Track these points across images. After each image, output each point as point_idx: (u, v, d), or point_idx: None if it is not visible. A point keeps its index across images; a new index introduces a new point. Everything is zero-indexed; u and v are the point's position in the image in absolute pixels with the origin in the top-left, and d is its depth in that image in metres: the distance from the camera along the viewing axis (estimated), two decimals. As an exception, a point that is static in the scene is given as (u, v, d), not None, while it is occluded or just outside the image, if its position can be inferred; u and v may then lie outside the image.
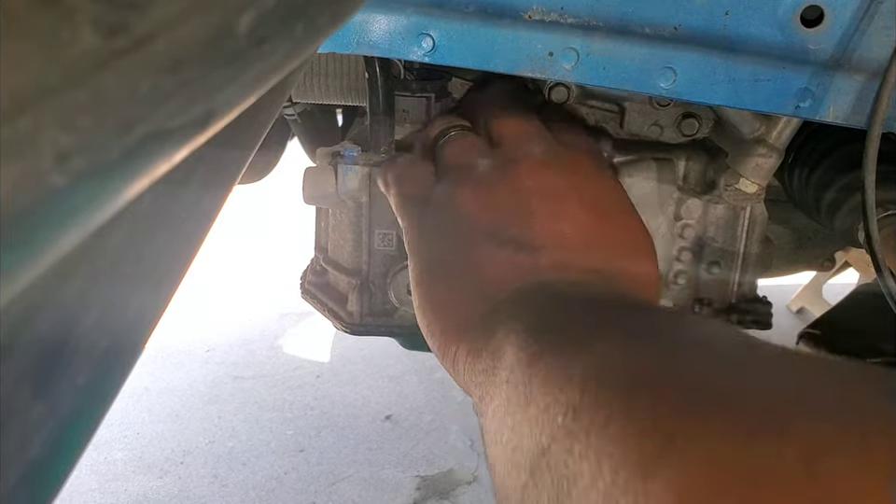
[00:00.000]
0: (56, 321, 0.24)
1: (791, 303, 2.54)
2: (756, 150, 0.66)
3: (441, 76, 0.70)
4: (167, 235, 0.30)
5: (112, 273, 0.26)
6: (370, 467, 1.87)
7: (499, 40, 0.50)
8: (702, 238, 0.80)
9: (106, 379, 0.28)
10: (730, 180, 0.70)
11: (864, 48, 0.50)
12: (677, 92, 0.52)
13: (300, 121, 1.10)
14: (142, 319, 0.30)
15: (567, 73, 0.51)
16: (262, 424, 2.04)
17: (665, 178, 0.75)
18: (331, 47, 0.49)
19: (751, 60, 0.51)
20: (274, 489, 1.79)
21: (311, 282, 0.83)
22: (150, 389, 2.14)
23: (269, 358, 2.40)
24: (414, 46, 0.50)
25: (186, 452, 1.92)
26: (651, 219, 0.77)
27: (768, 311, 0.85)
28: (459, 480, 1.84)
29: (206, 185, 0.33)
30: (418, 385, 2.23)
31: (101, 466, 1.83)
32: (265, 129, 0.39)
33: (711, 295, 0.83)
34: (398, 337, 0.81)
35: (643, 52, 0.51)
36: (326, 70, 0.74)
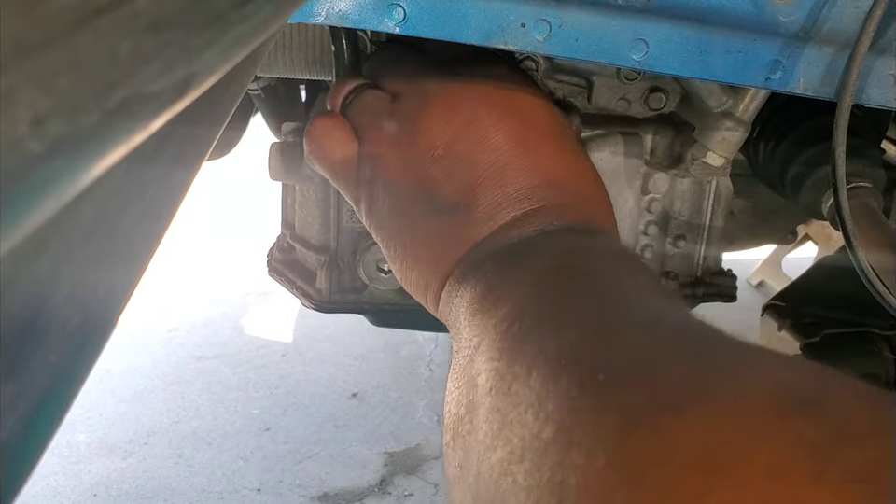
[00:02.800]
0: (27, 298, 0.23)
1: (750, 277, 2.58)
2: (723, 124, 0.66)
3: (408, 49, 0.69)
4: (138, 210, 0.30)
5: (83, 248, 0.26)
6: (336, 444, 1.88)
7: (471, 11, 0.49)
8: (668, 212, 0.80)
9: (79, 357, 0.27)
10: (697, 154, 0.70)
11: (834, 19, 0.50)
12: (649, 64, 0.52)
13: (263, 96, 1.09)
14: (114, 296, 0.29)
15: (540, 44, 0.51)
16: (227, 403, 2.03)
17: (632, 152, 0.76)
18: (300, 17, 0.48)
19: (723, 31, 0.51)
20: (241, 468, 1.78)
21: (278, 259, 0.83)
22: (112, 370, 2.11)
23: (232, 338, 2.38)
24: (385, 16, 0.49)
25: (150, 433, 1.90)
26: (618, 194, 0.77)
27: (733, 284, 0.86)
28: (426, 455, 1.85)
29: (177, 159, 0.32)
30: (384, 362, 2.23)
31: (63, 448, 1.81)
32: (236, 101, 0.38)
33: (677, 268, 0.84)
34: (367, 314, 0.81)
35: (615, 24, 0.50)
36: (291, 43, 0.72)
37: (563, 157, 0.54)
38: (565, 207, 0.50)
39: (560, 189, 0.51)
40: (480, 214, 0.50)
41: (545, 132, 0.54)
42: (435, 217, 0.51)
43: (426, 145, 0.52)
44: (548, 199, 0.50)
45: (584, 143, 0.74)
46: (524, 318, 0.38)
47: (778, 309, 0.92)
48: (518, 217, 0.49)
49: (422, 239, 0.52)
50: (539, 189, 0.50)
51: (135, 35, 0.15)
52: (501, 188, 0.50)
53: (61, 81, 0.14)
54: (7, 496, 0.24)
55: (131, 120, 0.17)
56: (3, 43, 0.13)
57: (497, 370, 0.36)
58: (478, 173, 0.51)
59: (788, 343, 0.88)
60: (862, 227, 0.63)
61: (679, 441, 0.27)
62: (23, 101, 0.14)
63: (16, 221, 0.16)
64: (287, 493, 1.71)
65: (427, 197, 0.51)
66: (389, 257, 0.55)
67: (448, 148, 0.51)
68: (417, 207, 0.52)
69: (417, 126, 0.53)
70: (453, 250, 0.50)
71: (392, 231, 0.54)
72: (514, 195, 0.50)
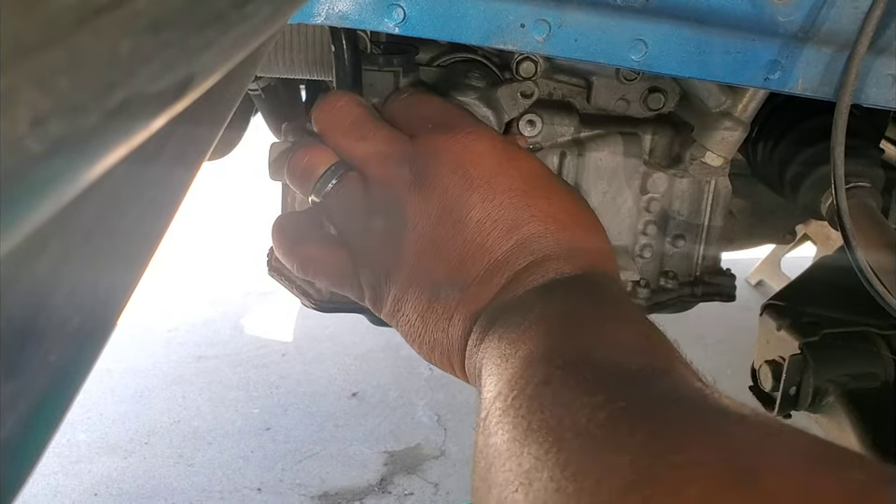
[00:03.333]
0: (27, 298, 0.23)
1: (749, 276, 2.58)
2: (722, 124, 0.66)
3: (408, 49, 0.69)
4: (138, 210, 0.30)
5: (83, 247, 0.26)
6: (337, 444, 1.88)
7: (471, 11, 0.49)
8: (667, 211, 0.80)
9: (79, 357, 0.27)
10: (695, 154, 0.70)
11: (833, 20, 0.50)
12: (648, 65, 0.52)
13: (263, 97, 1.08)
14: (114, 295, 0.29)
15: (539, 45, 0.51)
16: (227, 403, 2.03)
17: (632, 152, 0.76)
18: (300, 17, 0.48)
19: (722, 32, 0.51)
20: (241, 468, 1.78)
21: (278, 259, 0.82)
22: (113, 370, 2.11)
23: (233, 338, 2.38)
24: (385, 17, 0.50)
25: (150, 432, 1.90)
26: (617, 193, 0.77)
27: (732, 283, 0.86)
28: (426, 455, 1.85)
29: (177, 159, 0.33)
30: (384, 362, 2.23)
31: (64, 448, 1.81)
32: (235, 102, 0.38)
33: (676, 268, 0.84)
34: (366, 314, 0.81)
35: (615, 24, 0.50)
36: (291, 43, 0.72)
37: (544, 201, 0.54)
38: (550, 259, 0.52)
39: (546, 238, 0.52)
40: (474, 288, 0.52)
41: (520, 181, 0.54)
42: (437, 299, 0.53)
43: (411, 236, 0.54)
44: (534, 253, 0.52)
45: (583, 143, 0.74)
46: (516, 394, 0.41)
47: (777, 308, 0.92)
48: (511, 278, 0.52)
49: (432, 321, 0.54)
50: (524, 246, 0.52)
51: (135, 35, 0.15)
52: (488, 255, 0.52)
53: (61, 81, 0.14)
54: (7, 495, 0.24)
55: (131, 120, 0.17)
56: (3, 43, 0.13)
57: (496, 445, 0.39)
58: (462, 248, 0.53)
59: (786, 343, 0.88)
60: (861, 227, 0.63)
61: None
62: (23, 101, 0.14)
63: (16, 221, 0.16)
64: (288, 492, 1.71)
65: (423, 283, 0.54)
66: (409, 342, 0.57)
67: (431, 234, 0.53)
68: (418, 295, 0.54)
69: (398, 218, 0.54)
70: (461, 326, 0.53)
71: (402, 320, 0.56)
72: (502, 259, 0.52)
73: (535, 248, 0.52)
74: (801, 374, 0.86)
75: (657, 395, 0.38)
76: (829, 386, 0.85)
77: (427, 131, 0.56)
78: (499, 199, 0.53)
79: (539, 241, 0.52)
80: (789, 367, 0.86)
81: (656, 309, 0.84)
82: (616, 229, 0.79)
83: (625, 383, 0.39)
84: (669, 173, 0.76)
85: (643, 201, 0.79)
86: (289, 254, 0.61)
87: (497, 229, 0.52)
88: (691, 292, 0.84)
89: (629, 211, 0.79)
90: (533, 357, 0.43)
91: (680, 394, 0.38)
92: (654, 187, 0.77)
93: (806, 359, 0.86)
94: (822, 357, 0.86)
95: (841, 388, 0.85)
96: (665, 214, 0.80)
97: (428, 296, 0.54)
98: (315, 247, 0.59)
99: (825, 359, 0.86)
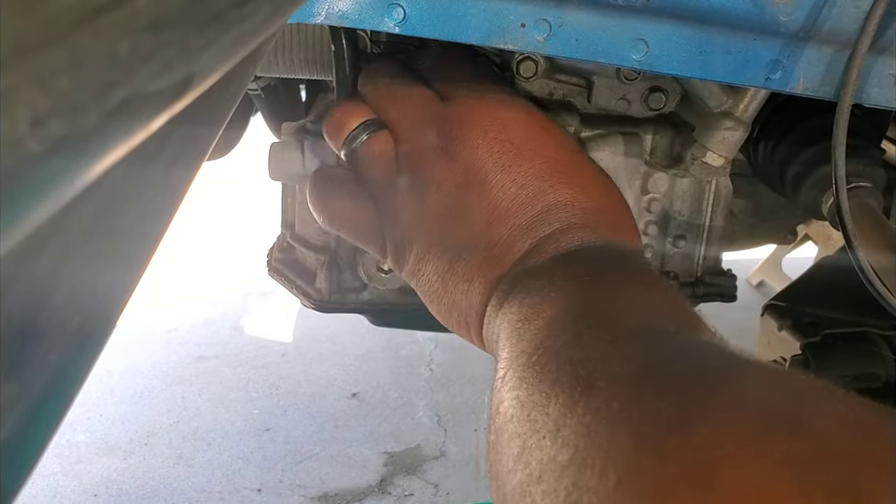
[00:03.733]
0: (27, 298, 0.23)
1: (750, 277, 2.58)
2: (723, 124, 0.66)
3: (408, 49, 0.69)
4: (138, 210, 0.30)
5: (83, 247, 0.25)
6: (336, 444, 1.87)
7: (472, 11, 0.49)
8: (668, 212, 0.80)
9: (78, 357, 0.27)
10: (696, 154, 0.70)
11: (834, 19, 0.50)
12: (649, 64, 0.52)
13: (263, 96, 1.08)
14: (113, 296, 0.29)
15: (540, 44, 0.51)
16: (227, 404, 2.03)
17: (632, 152, 0.76)
18: (300, 17, 0.48)
19: (723, 31, 0.51)
20: (241, 468, 1.78)
21: (278, 259, 0.83)
22: (112, 371, 2.11)
23: (232, 338, 2.38)
24: (385, 16, 0.50)
25: (150, 433, 1.90)
26: (618, 194, 0.77)
27: (733, 284, 0.86)
28: (426, 456, 1.85)
29: (177, 159, 0.32)
30: (384, 362, 2.23)
31: (63, 448, 1.81)
32: (235, 101, 0.38)
33: (677, 268, 0.84)
34: (367, 314, 0.81)
35: (615, 24, 0.50)
36: (290, 43, 0.72)
37: (574, 171, 0.55)
38: (576, 227, 0.52)
39: (572, 207, 0.52)
40: (497, 251, 0.52)
41: (551, 149, 0.55)
42: (459, 260, 0.53)
43: (436, 197, 0.54)
44: (560, 221, 0.52)
45: (584, 143, 0.74)
46: (542, 351, 0.41)
47: (778, 309, 0.92)
48: (534, 244, 0.51)
49: (452, 283, 0.54)
50: (549, 213, 0.52)
51: (135, 35, 0.15)
52: (512, 220, 0.52)
53: (61, 81, 0.14)
54: (7, 496, 0.24)
55: (130, 120, 0.17)
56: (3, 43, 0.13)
57: (518, 398, 0.39)
58: (487, 211, 0.53)
59: (788, 343, 0.88)
60: (862, 227, 0.63)
61: (681, 461, 0.29)
62: (23, 101, 0.14)
63: (16, 221, 0.16)
64: (287, 493, 1.71)
65: (446, 244, 0.54)
66: (427, 302, 0.57)
67: (457, 195, 0.54)
68: (440, 255, 0.54)
69: (424, 178, 0.55)
70: (481, 290, 0.52)
71: (422, 279, 0.56)
72: (526, 224, 0.52)
73: (561, 216, 0.52)
74: (802, 375, 0.86)
75: (694, 349, 0.38)
76: (830, 387, 0.85)
77: (460, 94, 0.56)
78: (527, 165, 0.53)
79: (566, 209, 0.52)
80: (790, 367, 0.86)
81: (657, 309, 0.84)
82: (617, 229, 0.79)
83: (660, 338, 0.39)
84: (670, 173, 0.76)
85: (644, 201, 0.79)
86: (320, 205, 0.62)
87: (524, 194, 0.52)
88: (691, 293, 0.84)
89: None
90: (559, 316, 0.43)
91: (717, 348, 0.38)
92: (655, 187, 0.77)
93: (808, 360, 0.86)
94: (823, 358, 0.86)
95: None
96: (665, 214, 0.80)
97: (450, 257, 0.54)
98: (343, 200, 0.60)
99: (826, 360, 0.86)
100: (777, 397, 0.32)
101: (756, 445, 0.28)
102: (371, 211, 0.59)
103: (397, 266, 0.58)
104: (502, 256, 0.52)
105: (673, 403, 0.31)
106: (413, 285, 0.58)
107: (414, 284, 0.57)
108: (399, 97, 0.58)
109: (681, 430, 0.30)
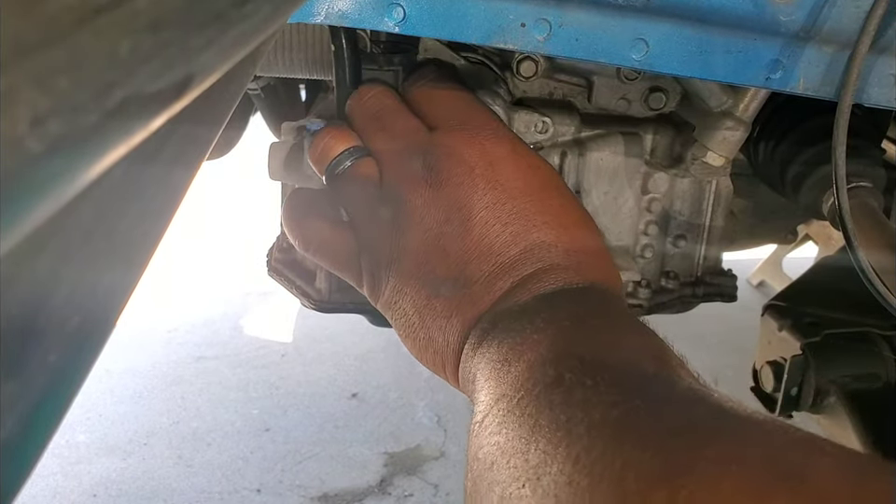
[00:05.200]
0: (26, 297, 0.23)
1: (751, 277, 2.58)
2: (723, 124, 0.66)
3: (408, 48, 0.69)
4: (138, 210, 0.30)
5: (83, 247, 0.25)
6: (336, 445, 1.87)
7: (472, 10, 0.49)
8: (668, 212, 0.80)
9: (78, 357, 0.27)
10: (697, 154, 0.70)
11: (835, 19, 0.50)
12: (649, 64, 0.52)
13: (263, 96, 1.08)
14: (113, 296, 0.29)
15: (540, 44, 0.51)
16: (227, 404, 2.03)
17: (633, 152, 0.76)
18: (300, 17, 0.48)
19: (723, 31, 0.51)
20: (240, 469, 1.78)
21: (278, 259, 0.83)
22: (112, 371, 2.11)
23: (232, 338, 2.37)
24: (385, 16, 0.49)
25: (150, 433, 1.90)
26: (618, 193, 0.77)
27: (733, 284, 0.86)
28: (426, 456, 1.85)
29: (177, 159, 0.32)
30: (384, 362, 2.23)
31: (63, 449, 1.80)
32: (235, 101, 0.38)
33: (677, 268, 0.84)
34: (366, 314, 0.81)
35: (615, 24, 0.50)
36: (290, 43, 0.72)
37: (558, 210, 0.54)
38: (558, 268, 0.51)
39: (555, 247, 0.52)
40: (477, 289, 0.51)
41: (536, 188, 0.54)
42: (437, 296, 0.52)
43: (417, 229, 0.53)
44: (542, 261, 0.51)
45: (584, 142, 0.74)
46: (522, 394, 0.40)
47: (779, 309, 0.92)
48: (515, 283, 0.51)
49: (429, 319, 0.53)
50: (532, 253, 0.51)
51: (135, 35, 0.15)
52: (494, 258, 0.51)
53: (60, 81, 0.14)
54: (7, 496, 0.24)
55: (130, 120, 0.17)
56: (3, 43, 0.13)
57: (498, 444, 0.38)
58: (469, 248, 0.52)
59: (788, 343, 0.88)
60: (863, 227, 0.63)
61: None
62: (23, 100, 0.14)
63: (16, 221, 0.16)
64: (287, 493, 1.71)
65: (425, 278, 0.53)
66: (401, 336, 0.56)
67: (438, 230, 0.53)
68: (418, 289, 0.53)
69: (407, 210, 0.54)
70: (459, 328, 0.51)
71: (398, 312, 0.55)
72: (508, 263, 0.51)
73: (543, 256, 0.51)
74: (802, 375, 0.86)
75: (678, 395, 0.37)
76: (830, 387, 0.85)
77: (448, 126, 0.55)
78: (512, 204, 0.52)
79: (549, 249, 0.51)
80: (790, 367, 0.86)
81: (657, 309, 0.84)
82: (617, 229, 0.79)
83: (643, 383, 0.38)
84: (670, 173, 0.76)
85: (644, 201, 0.79)
86: (296, 228, 0.61)
87: (507, 233, 0.52)
88: (692, 292, 0.84)
89: (630, 211, 0.78)
90: (540, 360, 0.42)
91: (701, 395, 0.36)
92: (655, 187, 0.77)
93: (808, 360, 0.86)
94: (824, 358, 0.86)
95: (842, 389, 0.85)
96: (666, 214, 0.80)
97: (428, 292, 0.53)
98: (321, 225, 0.60)
99: (827, 360, 0.86)
100: (769, 450, 0.30)
101: (755, 499, 0.27)
102: (349, 238, 0.58)
103: (372, 296, 0.57)
104: (482, 294, 0.51)
105: (657, 454, 0.30)
106: (388, 317, 0.57)
107: (390, 316, 0.56)
108: (386, 125, 0.57)
109: (667, 484, 0.29)
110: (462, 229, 0.52)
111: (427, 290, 0.53)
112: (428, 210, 0.53)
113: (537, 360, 0.42)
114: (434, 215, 0.53)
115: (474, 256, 0.52)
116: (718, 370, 2.14)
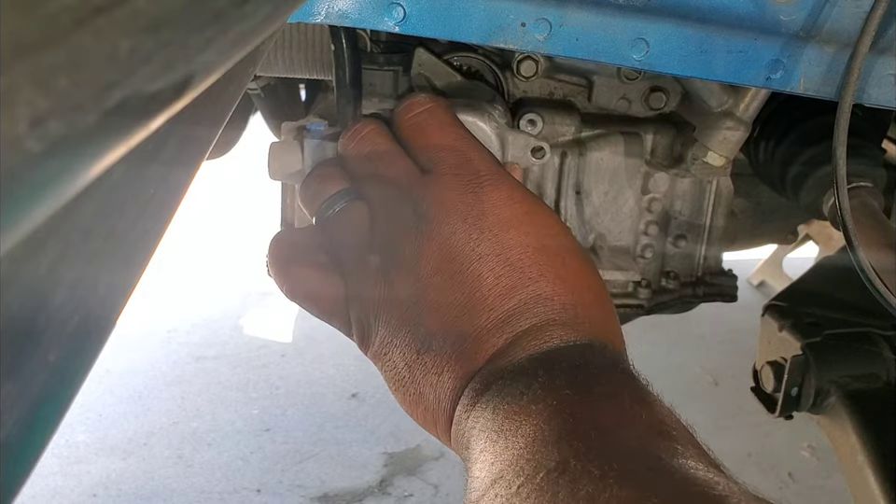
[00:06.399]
0: (26, 297, 0.23)
1: (751, 277, 2.58)
2: (723, 123, 0.66)
3: (408, 48, 0.69)
4: (137, 210, 0.30)
5: (82, 247, 0.25)
6: (336, 445, 1.87)
7: (472, 10, 0.49)
8: (669, 211, 0.80)
9: (78, 357, 0.27)
10: (697, 153, 0.70)
11: (835, 19, 0.50)
12: (649, 64, 0.52)
13: (263, 96, 1.08)
14: (113, 296, 0.29)
15: (540, 44, 0.51)
16: (227, 404, 2.03)
17: (633, 152, 0.76)
18: (300, 16, 0.48)
19: (724, 31, 0.51)
20: (240, 469, 1.78)
21: (278, 259, 0.82)
22: (112, 371, 2.11)
23: (232, 338, 2.37)
24: (385, 16, 0.49)
25: (149, 433, 1.90)
26: (618, 193, 0.77)
27: (734, 284, 0.86)
28: (426, 456, 1.85)
29: (177, 159, 0.32)
30: (384, 362, 2.22)
31: (63, 449, 1.80)
32: (235, 101, 0.38)
33: (677, 268, 0.84)
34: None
35: (616, 23, 0.50)
36: (290, 43, 0.72)
37: (557, 261, 0.51)
38: (555, 324, 0.48)
39: (552, 301, 0.49)
40: (469, 344, 0.49)
41: (533, 237, 0.51)
42: (428, 350, 0.50)
43: (407, 280, 0.51)
44: (537, 316, 0.49)
45: (584, 142, 0.74)
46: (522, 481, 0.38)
47: (779, 309, 0.92)
48: (510, 340, 0.48)
49: (419, 373, 0.50)
50: (527, 307, 0.49)
51: (135, 35, 0.15)
52: (487, 312, 0.49)
53: (60, 81, 0.14)
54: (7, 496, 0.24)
55: (130, 120, 0.17)
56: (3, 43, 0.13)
57: None
58: (460, 301, 0.50)
59: (788, 344, 0.88)
60: (863, 227, 0.63)
61: None
62: (23, 100, 0.14)
63: (16, 221, 0.16)
64: (287, 493, 1.71)
65: (415, 332, 0.50)
66: (392, 389, 0.53)
67: (428, 281, 0.50)
68: (408, 343, 0.51)
69: (396, 258, 0.52)
70: (451, 385, 0.49)
71: (388, 364, 0.52)
72: (502, 318, 0.49)
73: (539, 311, 0.48)
74: (803, 375, 0.86)
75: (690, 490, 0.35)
76: (831, 387, 0.85)
77: (440, 171, 0.53)
78: (507, 254, 0.50)
79: (545, 303, 0.49)
80: (791, 368, 0.86)
81: (657, 309, 0.84)
82: (617, 229, 0.79)
83: (652, 473, 0.36)
84: (671, 172, 0.76)
85: (644, 201, 0.79)
86: (282, 275, 0.57)
87: (501, 285, 0.49)
88: (692, 292, 0.84)
89: (630, 211, 0.78)
90: (541, 438, 0.39)
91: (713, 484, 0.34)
92: (656, 187, 0.77)
93: (808, 360, 0.86)
94: (824, 358, 0.86)
95: (843, 389, 0.85)
96: (666, 214, 0.80)
97: (418, 346, 0.50)
98: (307, 272, 0.57)
99: (827, 360, 0.85)
100: None
101: None
102: (337, 285, 0.55)
103: (362, 346, 0.55)
104: (475, 350, 0.48)
105: None
106: (377, 367, 0.54)
107: (379, 367, 0.54)
108: (379, 168, 0.55)
109: None
110: (453, 281, 0.50)
111: (417, 344, 0.50)
112: (419, 260, 0.51)
113: (537, 437, 0.40)
114: (424, 265, 0.51)
115: (466, 310, 0.49)
116: (718, 370, 2.14)
